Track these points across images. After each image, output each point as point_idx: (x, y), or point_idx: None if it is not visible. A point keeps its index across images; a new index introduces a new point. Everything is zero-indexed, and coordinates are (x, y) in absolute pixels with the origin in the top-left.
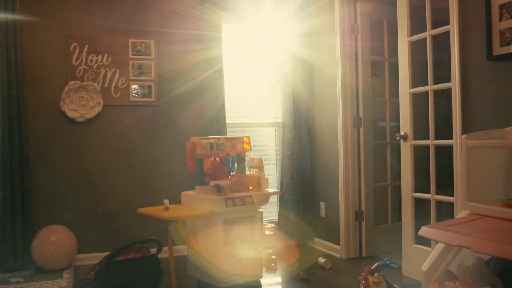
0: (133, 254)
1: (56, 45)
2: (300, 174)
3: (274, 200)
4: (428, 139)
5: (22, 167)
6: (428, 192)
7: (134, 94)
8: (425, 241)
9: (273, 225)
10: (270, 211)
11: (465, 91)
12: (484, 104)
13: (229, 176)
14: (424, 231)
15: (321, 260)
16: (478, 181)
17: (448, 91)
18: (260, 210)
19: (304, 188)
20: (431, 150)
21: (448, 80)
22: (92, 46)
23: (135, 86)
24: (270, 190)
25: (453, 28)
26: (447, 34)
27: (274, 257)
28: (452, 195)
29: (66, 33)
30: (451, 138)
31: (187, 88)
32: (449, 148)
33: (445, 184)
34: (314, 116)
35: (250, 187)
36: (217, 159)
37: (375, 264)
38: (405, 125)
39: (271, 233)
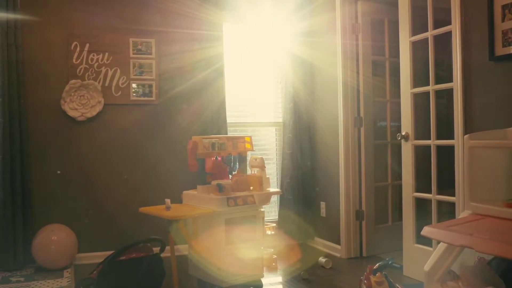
0: (136, 253)
1: (57, 44)
2: (300, 173)
3: (274, 199)
4: (429, 139)
5: (23, 166)
6: (429, 192)
7: (134, 93)
8: (426, 241)
9: (273, 224)
10: (270, 210)
11: (467, 91)
12: (486, 104)
13: (231, 176)
14: (426, 231)
15: (322, 259)
16: (480, 181)
17: (449, 91)
18: (262, 209)
19: (305, 188)
20: (433, 150)
21: (450, 80)
22: (93, 45)
23: (136, 85)
24: (271, 189)
25: (455, 28)
26: (449, 34)
27: (275, 256)
28: (453, 195)
29: (67, 32)
30: (452, 138)
31: (188, 87)
32: (450, 148)
33: (446, 184)
34: (315, 115)
35: (251, 187)
36: (219, 158)
37: (377, 264)
38: (406, 125)
39: (273, 232)
